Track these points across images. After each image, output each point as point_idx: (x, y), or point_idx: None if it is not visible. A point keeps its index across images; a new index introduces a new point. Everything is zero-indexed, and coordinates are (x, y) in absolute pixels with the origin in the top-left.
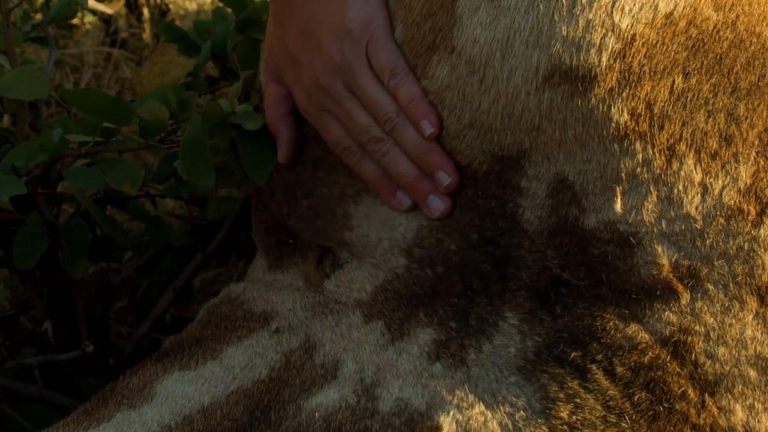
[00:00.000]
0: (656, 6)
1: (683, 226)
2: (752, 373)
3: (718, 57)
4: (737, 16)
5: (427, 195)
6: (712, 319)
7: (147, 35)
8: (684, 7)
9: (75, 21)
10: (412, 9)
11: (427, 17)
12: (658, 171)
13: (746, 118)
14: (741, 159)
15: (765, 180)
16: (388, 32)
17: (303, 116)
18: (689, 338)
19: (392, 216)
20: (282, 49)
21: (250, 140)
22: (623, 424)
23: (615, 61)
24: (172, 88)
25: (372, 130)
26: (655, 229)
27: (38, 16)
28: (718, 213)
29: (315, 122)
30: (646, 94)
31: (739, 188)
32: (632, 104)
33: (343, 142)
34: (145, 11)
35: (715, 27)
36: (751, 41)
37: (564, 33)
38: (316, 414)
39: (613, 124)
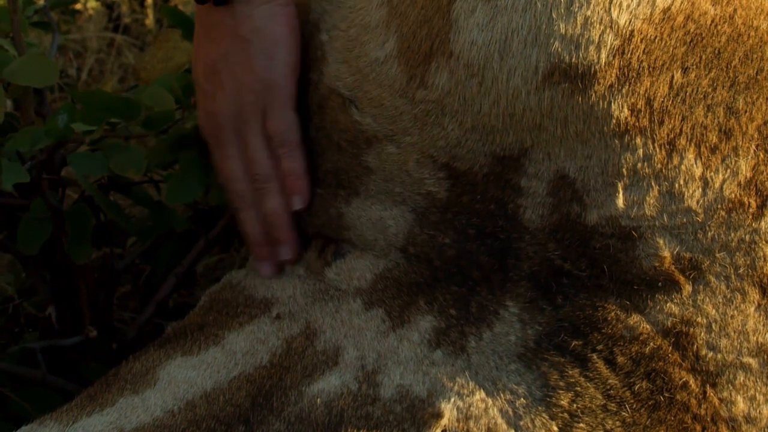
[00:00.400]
0: (654, 1)
1: (685, 220)
2: (754, 365)
3: (716, 51)
4: (735, 10)
5: (262, 259)
6: (714, 311)
7: (150, 21)
8: (681, 2)
9: (78, 6)
10: (407, 17)
11: (423, 23)
12: (659, 166)
13: (745, 112)
14: (741, 152)
15: (765, 173)
16: (288, 99)
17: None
18: (691, 329)
19: (381, 217)
20: (195, 70)
21: None
22: (623, 413)
23: (614, 57)
24: (177, 76)
25: (240, 182)
26: (656, 223)
27: (41, 1)
28: (719, 206)
29: (213, 150)
30: (646, 89)
31: (740, 181)
32: (632, 100)
33: (235, 182)
34: None
35: (712, 21)
36: (748, 35)
37: (562, 31)
38: (318, 400)
39: (614, 120)
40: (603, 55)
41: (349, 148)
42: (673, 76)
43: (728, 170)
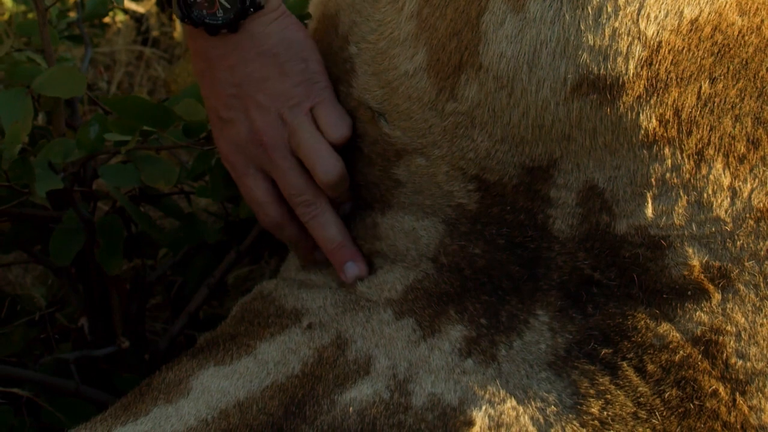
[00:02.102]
0: (681, 12)
1: (713, 229)
2: None
3: (743, 62)
4: (762, 21)
5: (345, 262)
6: (743, 319)
7: (178, 33)
8: (709, 13)
9: (107, 20)
10: (437, 30)
11: (452, 36)
12: (688, 176)
13: None
14: None
15: None
16: (332, 92)
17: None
18: (720, 338)
19: (414, 228)
20: (208, 109)
21: None
22: (654, 420)
23: (642, 68)
24: None
25: (306, 193)
26: (685, 232)
27: (72, 14)
28: (747, 215)
29: (238, 177)
30: (674, 100)
31: None
32: (660, 111)
33: (263, 207)
34: None
35: (740, 32)
36: None
37: (591, 42)
38: (350, 409)
39: (642, 131)
40: (631, 67)
41: (378, 161)
42: (701, 87)
43: (756, 179)
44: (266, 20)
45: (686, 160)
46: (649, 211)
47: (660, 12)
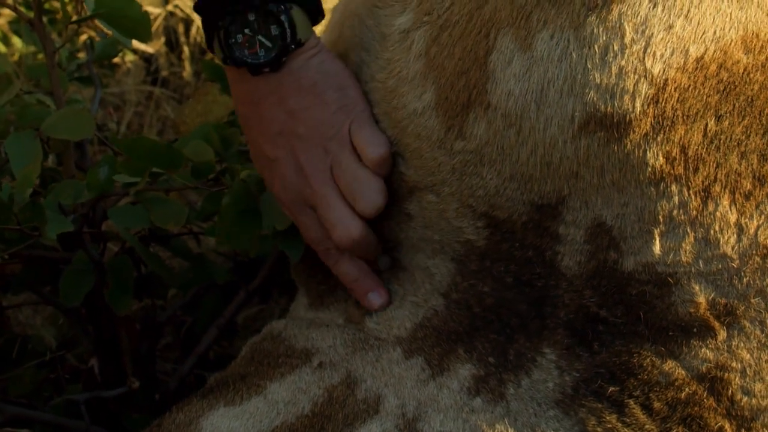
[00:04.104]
0: (687, 51)
1: (720, 266)
2: None
3: (749, 99)
4: (767, 58)
5: (366, 293)
6: (748, 356)
7: (187, 73)
8: (714, 51)
9: (116, 60)
10: (445, 69)
11: (461, 75)
12: (695, 212)
13: None
14: None
15: None
16: (371, 116)
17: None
18: (726, 375)
19: (427, 265)
20: (256, 152)
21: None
22: None
23: (648, 106)
24: (215, 126)
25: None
26: (692, 269)
27: (82, 56)
28: (754, 252)
29: (294, 217)
30: (680, 137)
31: None
32: (667, 148)
33: (321, 243)
34: (185, 49)
35: (745, 70)
36: None
37: (597, 80)
38: None
39: (649, 168)
40: (638, 104)
41: (392, 196)
42: (707, 124)
43: (762, 216)
44: (306, 56)
45: (693, 197)
46: (657, 248)
47: (666, 50)
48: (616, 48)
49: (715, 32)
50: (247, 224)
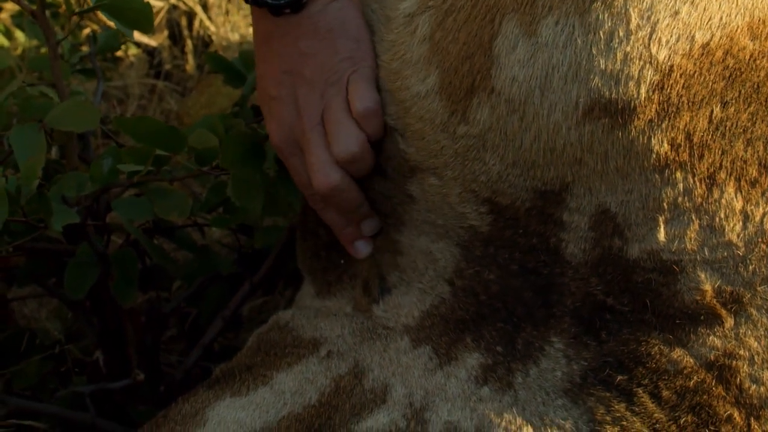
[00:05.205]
0: (693, 37)
1: (725, 253)
2: None
3: (755, 86)
4: None
5: (353, 241)
6: (756, 344)
7: (191, 66)
8: (720, 37)
9: (119, 53)
10: (449, 53)
11: (465, 60)
12: (700, 200)
13: None
14: None
15: None
16: (373, 78)
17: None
18: (734, 362)
19: (430, 250)
20: (261, 90)
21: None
22: None
23: (654, 92)
24: (219, 116)
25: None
26: (697, 257)
27: (85, 48)
28: (759, 239)
29: (285, 159)
30: (685, 124)
31: None
32: (672, 135)
33: (308, 188)
34: (189, 42)
35: (751, 56)
36: None
37: (602, 66)
38: None
39: (654, 155)
40: (642, 91)
41: (394, 175)
42: (712, 111)
43: None
44: (326, 0)
45: (698, 184)
46: (662, 235)
47: (671, 36)
48: (621, 34)
49: (721, 18)
50: (251, 162)
